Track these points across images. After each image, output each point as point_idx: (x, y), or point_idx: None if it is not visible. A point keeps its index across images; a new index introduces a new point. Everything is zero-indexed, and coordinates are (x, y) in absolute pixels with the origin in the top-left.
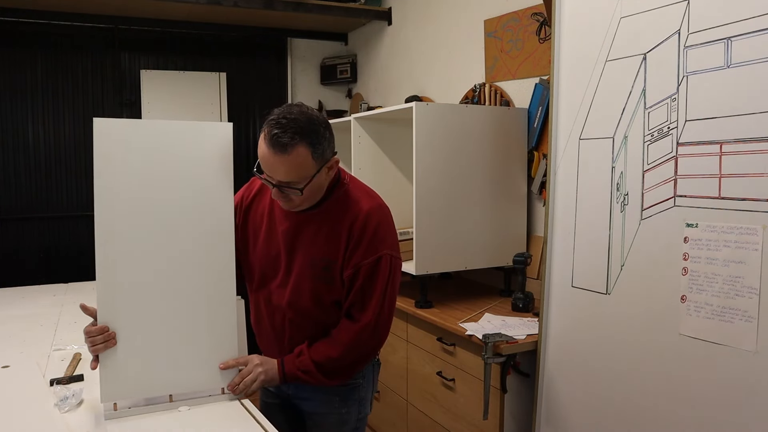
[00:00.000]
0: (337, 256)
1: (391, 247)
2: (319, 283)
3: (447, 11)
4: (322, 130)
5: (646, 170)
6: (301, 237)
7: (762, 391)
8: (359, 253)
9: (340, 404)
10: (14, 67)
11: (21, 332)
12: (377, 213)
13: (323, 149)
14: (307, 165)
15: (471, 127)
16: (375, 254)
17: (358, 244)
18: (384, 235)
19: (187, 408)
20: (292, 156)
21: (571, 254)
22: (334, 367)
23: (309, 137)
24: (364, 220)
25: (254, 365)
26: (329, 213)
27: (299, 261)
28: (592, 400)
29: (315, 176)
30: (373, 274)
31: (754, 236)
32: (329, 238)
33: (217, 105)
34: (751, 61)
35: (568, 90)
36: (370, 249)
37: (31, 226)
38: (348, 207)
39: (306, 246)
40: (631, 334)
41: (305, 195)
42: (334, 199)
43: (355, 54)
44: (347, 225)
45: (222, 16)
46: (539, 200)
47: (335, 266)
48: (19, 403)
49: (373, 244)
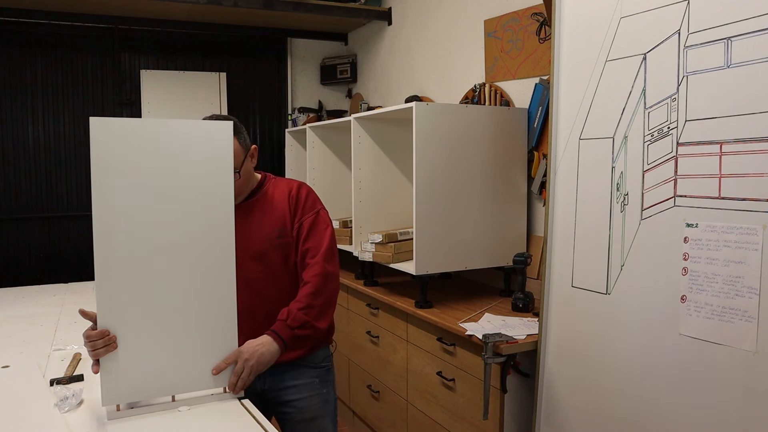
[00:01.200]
0: (285, 221)
1: (322, 205)
2: (282, 249)
3: (447, 11)
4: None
5: (646, 170)
6: (247, 225)
7: (762, 391)
8: (300, 212)
9: (321, 385)
10: (14, 67)
11: (21, 332)
12: (304, 185)
13: (242, 136)
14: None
15: (471, 127)
16: (313, 210)
17: (299, 206)
18: (314, 197)
19: (187, 408)
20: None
21: (571, 254)
22: (319, 307)
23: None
24: (297, 189)
25: (243, 360)
26: (266, 197)
27: (255, 244)
28: (592, 400)
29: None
30: (314, 223)
31: (754, 236)
32: (272, 213)
33: (217, 105)
34: (751, 61)
35: (568, 90)
36: (307, 207)
37: (31, 226)
38: (280, 188)
39: (255, 230)
40: (631, 334)
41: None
42: (265, 189)
43: (355, 54)
44: (285, 196)
45: (222, 16)
46: (539, 200)
47: (286, 231)
48: (19, 403)
49: (308, 203)
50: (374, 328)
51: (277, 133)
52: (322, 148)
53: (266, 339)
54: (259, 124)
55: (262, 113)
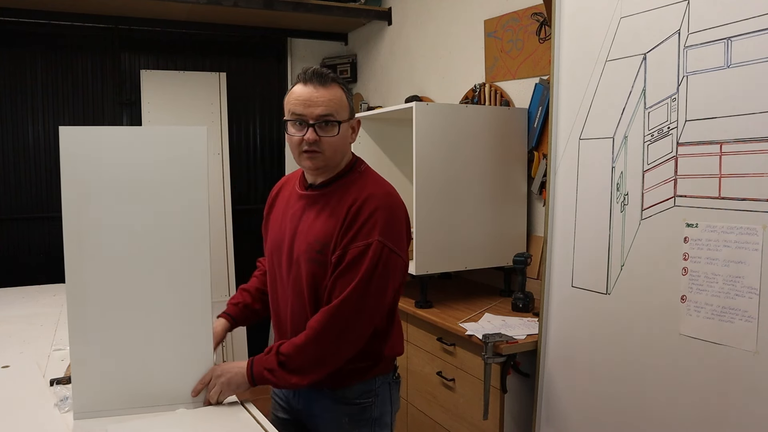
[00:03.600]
0: (330, 239)
1: (387, 237)
2: (315, 266)
3: (447, 11)
4: (348, 87)
5: (646, 170)
6: (303, 219)
7: (762, 391)
8: (350, 236)
9: (350, 425)
10: (14, 67)
11: (21, 332)
12: (379, 199)
13: (350, 99)
14: (343, 103)
15: (471, 127)
16: (366, 239)
17: (351, 227)
18: (381, 223)
19: (185, 409)
20: (331, 90)
21: (571, 254)
22: (299, 361)
23: (341, 82)
24: (361, 203)
25: (215, 376)
26: (335, 194)
27: (299, 244)
28: (592, 400)
29: (345, 122)
30: (358, 259)
31: (754, 236)
32: (328, 220)
33: (217, 105)
34: (751, 61)
35: (568, 90)
36: (361, 233)
37: (31, 226)
38: (352, 190)
39: (306, 229)
40: (631, 334)
41: (337, 142)
42: (344, 181)
43: (355, 54)
44: (346, 207)
45: (222, 16)
46: (539, 200)
47: (327, 250)
48: (19, 403)
49: (366, 228)
50: None
51: (277, 133)
52: None
53: (243, 364)
54: (259, 124)
55: (262, 113)
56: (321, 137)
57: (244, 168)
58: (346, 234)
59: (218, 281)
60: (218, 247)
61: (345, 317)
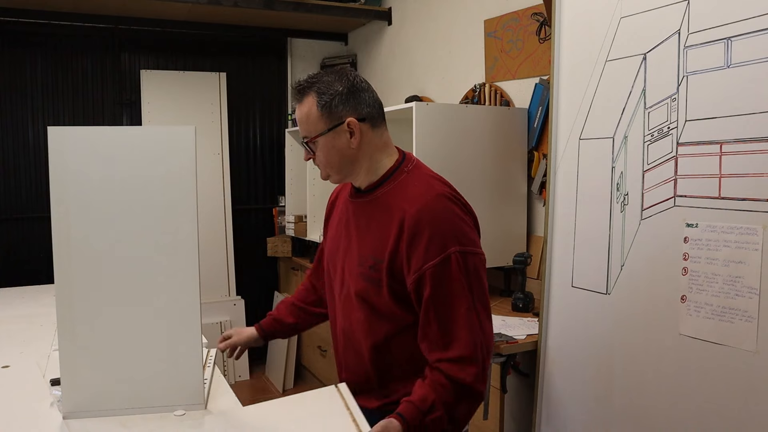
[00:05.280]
0: (384, 255)
1: (458, 241)
2: (366, 283)
3: (447, 11)
4: (336, 85)
5: (646, 170)
6: (354, 230)
7: (762, 391)
8: (418, 254)
9: None
10: (14, 67)
11: (21, 332)
12: (437, 202)
13: (331, 103)
14: (313, 115)
15: (471, 127)
16: (440, 254)
17: (414, 243)
18: (445, 228)
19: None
20: (302, 105)
21: (571, 254)
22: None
23: (317, 86)
24: (417, 214)
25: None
26: (383, 201)
27: (351, 258)
28: (592, 400)
29: (326, 133)
30: (442, 279)
31: (754, 236)
32: (379, 232)
33: (217, 105)
34: (751, 61)
35: (568, 90)
36: (431, 248)
37: (31, 226)
38: (403, 196)
39: (356, 239)
40: (631, 334)
41: (322, 158)
42: (389, 187)
43: (355, 54)
44: (398, 218)
45: (222, 16)
46: (539, 200)
47: (381, 266)
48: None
49: (434, 241)
50: None
51: (277, 133)
52: None
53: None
54: (259, 124)
55: (262, 113)
56: (313, 155)
57: (244, 168)
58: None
59: (218, 281)
60: (218, 247)
61: (468, 363)
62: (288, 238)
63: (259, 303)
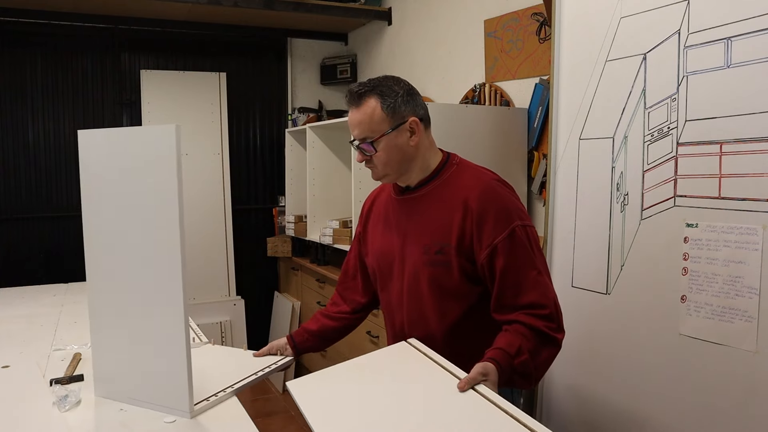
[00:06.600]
0: (450, 239)
1: (519, 216)
2: (436, 268)
3: (447, 11)
4: (396, 88)
5: (646, 170)
6: (412, 223)
7: (762, 391)
8: (488, 231)
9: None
10: (14, 67)
11: (21, 332)
12: (494, 185)
13: (395, 103)
14: (377, 116)
15: (471, 127)
16: (506, 228)
17: (482, 221)
18: (506, 206)
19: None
20: (363, 107)
21: (571, 254)
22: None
23: (379, 89)
24: (480, 196)
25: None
26: (438, 194)
27: (411, 250)
28: (592, 400)
29: (389, 133)
30: (512, 249)
31: (754, 236)
32: (440, 220)
33: (217, 105)
34: (751, 61)
35: (568, 90)
36: (498, 224)
37: (31, 226)
38: (458, 184)
39: (416, 232)
40: (631, 334)
41: (383, 157)
42: (442, 179)
43: (355, 54)
44: (460, 203)
45: (222, 16)
46: (539, 200)
47: (449, 249)
48: (19, 403)
49: (500, 218)
50: (374, 328)
51: (277, 133)
52: (322, 148)
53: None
54: (259, 124)
55: (262, 113)
56: (370, 155)
57: (244, 168)
58: (482, 230)
59: (218, 281)
60: (218, 247)
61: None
62: (288, 238)
63: (259, 303)
